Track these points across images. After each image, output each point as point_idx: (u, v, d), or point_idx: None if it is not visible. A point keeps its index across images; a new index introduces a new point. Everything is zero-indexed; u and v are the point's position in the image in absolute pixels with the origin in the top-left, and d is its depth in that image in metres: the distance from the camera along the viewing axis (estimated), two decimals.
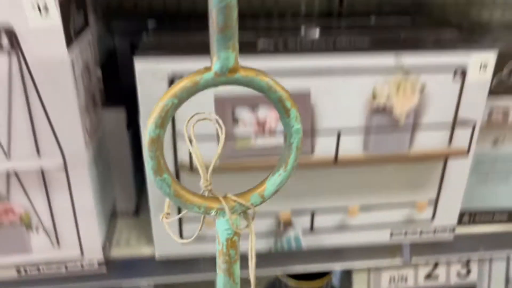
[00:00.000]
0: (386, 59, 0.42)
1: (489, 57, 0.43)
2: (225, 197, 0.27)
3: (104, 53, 0.59)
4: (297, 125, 0.25)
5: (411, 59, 0.42)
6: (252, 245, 0.27)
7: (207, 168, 0.26)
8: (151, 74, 0.40)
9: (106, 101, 0.51)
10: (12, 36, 0.35)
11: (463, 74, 0.43)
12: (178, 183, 0.26)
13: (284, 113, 0.25)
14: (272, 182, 0.27)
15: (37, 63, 0.37)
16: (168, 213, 0.27)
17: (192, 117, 0.25)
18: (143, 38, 0.45)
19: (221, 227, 0.27)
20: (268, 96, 0.24)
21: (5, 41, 0.35)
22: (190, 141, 0.25)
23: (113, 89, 0.52)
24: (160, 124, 0.23)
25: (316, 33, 0.50)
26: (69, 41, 0.38)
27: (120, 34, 0.65)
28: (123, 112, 0.50)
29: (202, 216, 0.27)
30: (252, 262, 0.28)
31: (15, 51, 0.36)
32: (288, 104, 0.25)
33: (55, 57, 0.37)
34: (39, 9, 0.35)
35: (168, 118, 0.23)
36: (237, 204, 0.27)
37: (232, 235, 0.27)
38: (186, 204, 0.26)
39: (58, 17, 0.36)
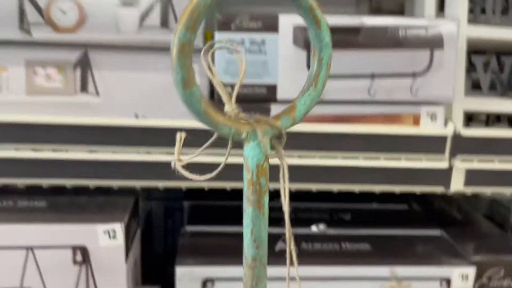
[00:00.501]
0: (382, 270, 0.50)
1: (470, 271, 0.51)
2: (255, 120, 0.25)
3: (143, 217, 0.68)
4: (327, 38, 0.24)
5: (403, 270, 0.51)
6: (284, 173, 0.26)
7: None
8: (188, 277, 0.49)
9: (143, 279, 0.59)
10: (84, 253, 0.45)
11: (448, 283, 0.51)
12: (207, 100, 0.23)
13: (314, 23, 0.23)
14: (303, 102, 0.26)
15: (101, 272, 0.46)
16: (179, 159, 0.26)
17: (209, 44, 0.24)
18: (181, 241, 0.55)
19: (251, 153, 0.25)
20: (299, 5, 0.23)
21: (79, 257, 0.45)
22: (210, 69, 0.23)
23: (150, 267, 0.61)
24: (192, 27, 0.21)
25: (323, 230, 0.59)
26: (127, 251, 0.47)
27: (157, 199, 0.76)
28: None
29: (230, 141, 0.25)
30: (285, 193, 0.25)
31: (85, 264, 0.46)
32: (319, 14, 0.23)
33: (115, 267, 0.46)
34: (109, 234, 0.45)
35: (200, 20, 0.21)
36: (268, 127, 0.25)
37: (263, 161, 0.25)
38: (217, 124, 0.24)
39: (122, 239, 0.46)
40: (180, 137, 0.28)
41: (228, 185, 0.48)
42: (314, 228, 0.60)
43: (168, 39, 0.48)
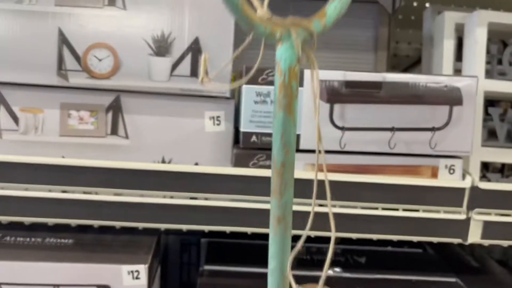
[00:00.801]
0: None
1: None
2: (288, 22, 0.25)
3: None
4: None
5: None
6: (315, 76, 0.26)
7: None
8: None
9: None
10: None
11: None
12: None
13: None
14: (333, 7, 0.26)
15: None
16: (205, 76, 0.27)
17: None
18: (200, 280, 0.56)
19: (285, 54, 0.25)
20: None
21: None
22: None
23: None
24: None
25: (339, 273, 0.60)
26: None
27: (174, 233, 0.77)
28: None
29: (263, 42, 0.25)
30: (316, 95, 0.25)
31: None
32: None
33: None
34: (133, 275, 0.47)
35: None
36: (301, 29, 0.25)
37: (295, 64, 0.25)
38: (252, 21, 0.24)
39: (146, 279, 0.47)
40: (204, 58, 0.28)
41: (250, 230, 0.50)
42: (330, 272, 0.60)
43: (197, 88, 0.50)
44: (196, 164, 0.52)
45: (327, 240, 0.60)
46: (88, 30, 0.49)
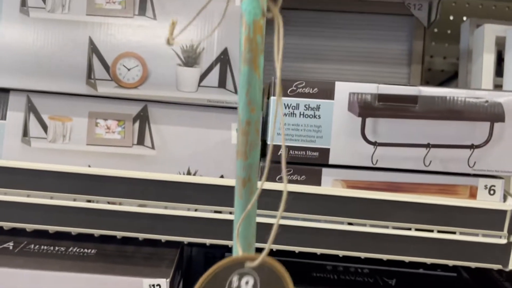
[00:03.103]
0: None
1: None
2: None
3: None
4: None
5: None
6: (279, 35, 0.25)
7: None
8: None
9: None
10: None
11: None
12: None
13: None
14: None
15: None
16: (172, 38, 0.27)
17: None
18: None
19: (249, 6, 0.25)
20: None
21: None
22: None
23: None
24: None
25: None
26: None
27: (198, 246, 0.76)
28: None
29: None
30: (278, 57, 0.25)
31: None
32: None
33: None
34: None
35: None
36: None
37: (260, 17, 0.25)
38: None
39: None
40: (173, 21, 0.28)
41: (276, 247, 0.48)
42: None
43: (224, 99, 0.49)
44: (222, 176, 0.50)
45: (355, 259, 0.58)
46: (118, 39, 0.49)
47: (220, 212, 0.48)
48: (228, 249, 0.65)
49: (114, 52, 0.49)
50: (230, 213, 0.47)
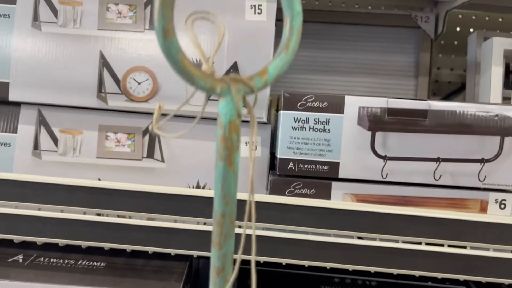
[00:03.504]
0: None
1: None
2: (229, 78, 0.26)
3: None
4: (298, 7, 0.25)
5: None
6: (253, 131, 0.26)
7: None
8: None
9: None
10: None
11: None
12: (185, 55, 0.25)
13: None
14: (274, 66, 0.27)
15: None
16: (157, 125, 0.28)
17: (190, 15, 0.27)
18: None
19: (224, 108, 0.26)
20: None
21: None
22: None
23: None
24: None
25: None
26: None
27: (204, 257, 0.76)
28: None
29: (205, 96, 0.27)
30: (252, 153, 0.26)
31: None
32: None
33: None
34: None
35: None
36: (241, 85, 0.26)
37: (235, 117, 0.26)
38: (192, 76, 0.25)
39: None
40: (159, 106, 0.29)
41: (284, 260, 0.48)
42: None
43: None
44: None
45: (363, 272, 0.57)
46: (129, 53, 0.49)
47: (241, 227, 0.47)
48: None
49: (125, 66, 0.49)
50: (239, 226, 0.47)
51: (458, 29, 0.81)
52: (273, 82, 0.27)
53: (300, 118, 0.46)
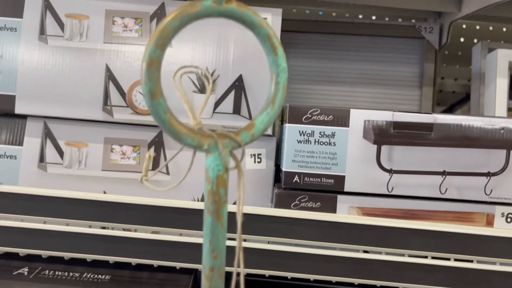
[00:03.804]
0: None
1: None
2: (217, 133, 0.27)
3: None
4: (283, 64, 0.26)
5: None
6: (241, 185, 0.27)
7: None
8: None
9: None
10: None
11: None
12: (172, 113, 0.25)
13: (271, 51, 0.26)
14: (261, 120, 0.27)
15: None
16: (146, 175, 0.29)
17: (179, 69, 0.28)
18: None
19: (212, 164, 0.26)
20: (258, 32, 0.26)
21: None
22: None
23: None
24: (161, 45, 0.24)
25: None
26: None
27: None
28: None
29: (193, 152, 0.27)
30: (240, 203, 0.26)
31: None
32: (276, 42, 0.26)
33: None
34: None
35: (169, 39, 0.24)
36: (228, 140, 0.27)
37: (223, 172, 0.27)
38: (180, 134, 0.26)
39: None
40: (149, 155, 0.30)
41: (290, 274, 0.47)
42: None
43: (239, 125, 0.50)
44: (235, 203, 0.50)
45: (369, 286, 0.57)
46: (134, 66, 0.49)
47: (233, 239, 0.47)
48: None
49: (130, 79, 0.49)
50: (245, 240, 0.47)
51: (462, 39, 0.81)
52: (260, 136, 0.28)
53: (305, 131, 0.46)
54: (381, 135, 0.45)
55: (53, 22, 0.50)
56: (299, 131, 0.46)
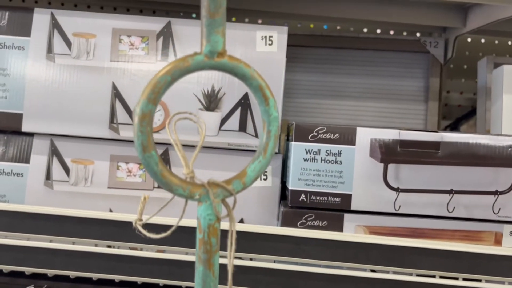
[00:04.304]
0: None
1: None
2: (208, 183, 0.27)
3: None
4: (275, 113, 0.27)
5: None
6: (232, 233, 0.27)
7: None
8: None
9: None
10: None
11: None
12: (163, 164, 0.26)
13: (263, 101, 0.26)
14: (253, 168, 0.28)
15: None
16: (140, 219, 0.29)
17: (174, 115, 0.28)
18: None
19: (203, 213, 0.27)
20: (250, 84, 0.26)
21: None
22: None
23: None
24: (153, 100, 0.24)
25: None
26: None
27: None
28: None
29: (185, 201, 0.27)
30: (231, 250, 0.27)
31: None
32: (268, 92, 0.26)
33: None
34: None
35: (160, 94, 0.24)
36: (220, 189, 0.27)
37: (214, 221, 0.27)
38: (171, 185, 0.26)
39: None
40: (144, 197, 0.30)
41: None
42: None
43: (245, 143, 0.50)
44: (242, 220, 0.50)
45: None
46: (141, 84, 0.50)
47: (240, 258, 0.47)
48: None
49: (137, 97, 0.50)
50: (251, 259, 0.47)
51: (467, 53, 0.81)
52: (251, 184, 0.28)
53: (312, 150, 0.46)
54: (388, 154, 0.45)
55: (60, 41, 0.50)
56: (305, 149, 0.46)
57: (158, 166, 0.25)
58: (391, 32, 0.79)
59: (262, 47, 0.50)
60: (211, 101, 0.49)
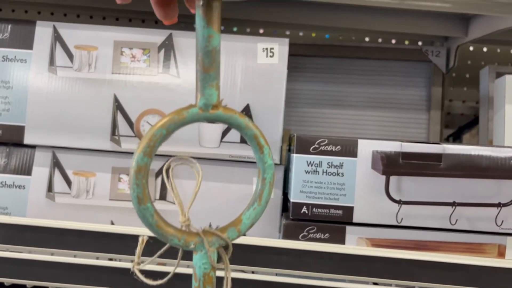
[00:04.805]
0: None
1: None
2: (203, 231, 0.27)
3: None
4: (270, 161, 0.27)
5: None
6: (227, 281, 0.27)
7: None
8: None
9: None
10: None
11: None
12: (159, 215, 0.26)
13: (258, 149, 0.27)
14: (248, 216, 0.28)
15: None
16: (138, 263, 0.29)
17: (171, 159, 0.28)
18: None
19: (199, 262, 0.27)
20: (245, 133, 0.27)
21: None
22: (168, 178, 0.27)
23: None
24: (149, 153, 0.24)
25: None
26: None
27: None
28: None
29: (180, 250, 0.28)
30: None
31: None
32: (262, 141, 0.27)
33: None
34: None
35: (156, 147, 0.25)
36: (215, 238, 0.27)
37: (209, 270, 0.27)
38: (167, 235, 0.26)
39: None
40: (142, 240, 0.29)
41: None
42: None
43: (246, 154, 0.50)
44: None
45: None
46: (142, 96, 0.50)
47: (243, 271, 0.47)
48: None
49: (138, 109, 0.50)
50: (253, 272, 0.47)
51: (469, 61, 0.80)
52: (247, 231, 0.28)
53: (313, 162, 0.46)
54: (390, 166, 0.45)
55: (62, 53, 0.50)
56: (307, 161, 0.46)
57: (153, 217, 0.26)
58: (393, 42, 0.79)
59: (263, 59, 0.50)
60: None
